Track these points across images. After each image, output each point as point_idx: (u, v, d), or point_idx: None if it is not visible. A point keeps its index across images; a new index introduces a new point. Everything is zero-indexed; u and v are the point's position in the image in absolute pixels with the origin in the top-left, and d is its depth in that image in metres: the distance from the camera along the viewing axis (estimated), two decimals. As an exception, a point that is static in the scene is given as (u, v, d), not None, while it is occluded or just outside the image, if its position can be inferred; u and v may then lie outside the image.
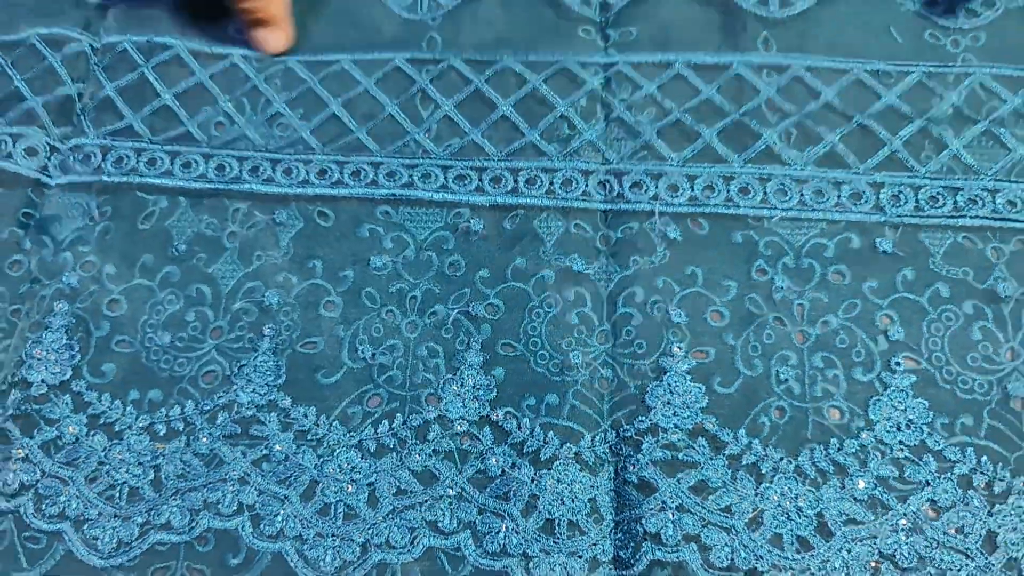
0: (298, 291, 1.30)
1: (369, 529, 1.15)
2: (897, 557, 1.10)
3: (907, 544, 1.10)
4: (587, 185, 1.32)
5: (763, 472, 1.14)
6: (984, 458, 1.14)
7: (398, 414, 1.21)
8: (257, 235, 1.33)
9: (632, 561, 1.12)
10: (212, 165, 1.38)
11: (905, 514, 1.12)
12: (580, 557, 1.12)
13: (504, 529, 1.14)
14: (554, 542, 1.13)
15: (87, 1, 1.51)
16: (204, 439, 1.21)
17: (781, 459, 1.15)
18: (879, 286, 1.24)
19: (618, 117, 1.35)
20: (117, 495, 1.19)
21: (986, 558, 1.09)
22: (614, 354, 1.23)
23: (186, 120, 1.41)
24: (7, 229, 1.35)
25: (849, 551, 1.10)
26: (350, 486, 1.17)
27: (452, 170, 1.35)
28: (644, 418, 1.18)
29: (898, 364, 1.19)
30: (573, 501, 1.14)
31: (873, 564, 1.10)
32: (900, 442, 1.15)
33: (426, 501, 1.16)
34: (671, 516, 1.13)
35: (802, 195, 1.29)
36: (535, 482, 1.16)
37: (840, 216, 1.28)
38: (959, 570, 1.09)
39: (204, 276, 1.31)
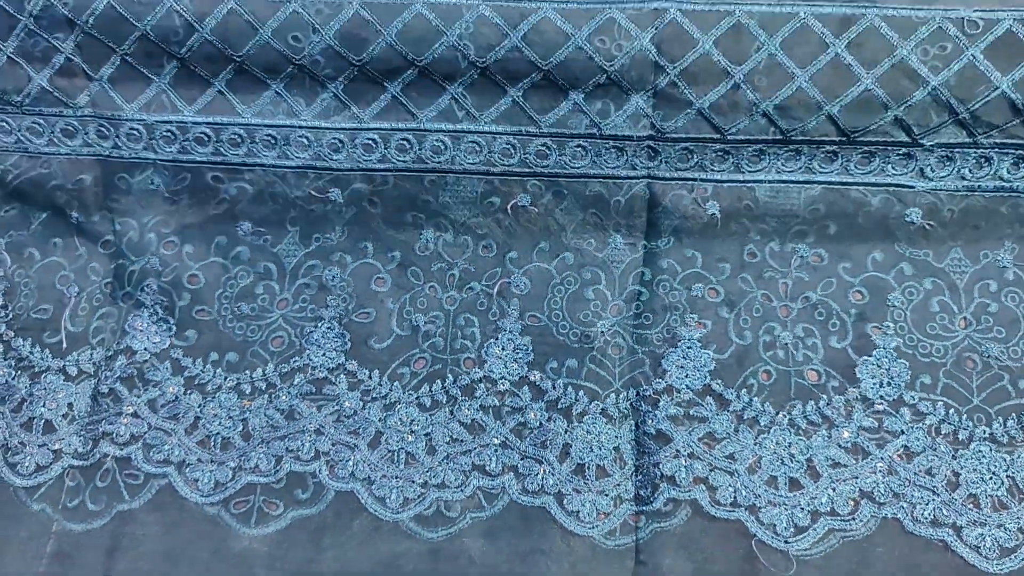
0: (352, 268, 1.34)
1: (427, 472, 1.21)
2: (875, 494, 1.16)
3: (884, 483, 1.17)
4: (634, 155, 1.27)
5: (761, 425, 1.20)
6: (951, 411, 1.20)
7: (441, 376, 1.27)
8: (315, 220, 1.36)
9: (651, 499, 1.18)
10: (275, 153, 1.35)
11: (882, 458, 1.18)
12: (607, 495, 1.18)
13: (542, 472, 1.20)
14: (584, 482, 1.19)
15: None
16: (284, 397, 1.26)
17: (777, 414, 1.21)
18: (851, 266, 1.28)
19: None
20: (212, 444, 1.24)
21: (950, 494, 1.15)
22: (625, 325, 1.28)
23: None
24: (98, 213, 1.37)
25: (834, 489, 1.16)
26: (410, 436, 1.23)
27: (498, 140, 1.27)
28: (660, 380, 1.23)
29: (889, 328, 1.25)
30: (600, 449, 1.21)
31: (853, 501, 1.16)
32: (881, 397, 1.21)
33: (475, 448, 1.22)
34: (684, 462, 1.19)
35: (846, 161, 1.25)
36: (568, 433, 1.22)
37: (880, 180, 1.26)
38: (927, 504, 1.16)
39: (270, 255, 1.35)
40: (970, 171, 1.23)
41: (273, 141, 1.30)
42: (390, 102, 1.26)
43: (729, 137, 1.22)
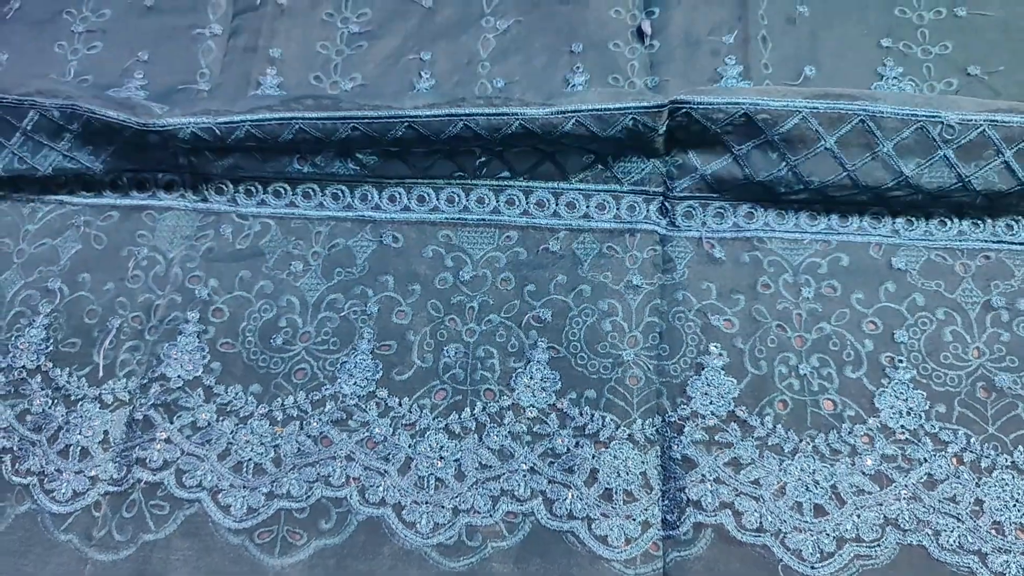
0: (373, 301, 1.32)
1: (457, 497, 1.18)
2: (899, 521, 1.14)
3: (908, 511, 1.14)
4: (649, 210, 1.35)
5: (786, 451, 1.18)
6: (972, 439, 1.17)
7: (459, 409, 1.25)
8: (337, 255, 1.36)
9: (677, 523, 1.15)
10: (300, 193, 1.40)
11: (906, 485, 1.16)
12: (634, 520, 1.16)
13: (570, 497, 1.18)
14: (612, 507, 1.16)
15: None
16: (315, 423, 1.24)
17: (800, 440, 1.18)
18: (864, 297, 1.27)
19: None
20: (245, 469, 1.22)
21: (974, 521, 1.13)
22: (643, 356, 1.25)
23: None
24: (126, 248, 1.38)
25: (859, 516, 1.14)
26: (439, 462, 1.21)
27: (533, 194, 1.37)
28: (685, 406, 1.21)
29: (900, 361, 1.22)
30: (627, 474, 1.18)
31: (879, 526, 1.13)
32: (902, 427, 1.19)
33: (504, 474, 1.20)
34: (710, 487, 1.17)
35: (829, 219, 1.33)
36: (595, 458, 1.19)
37: (861, 238, 1.31)
38: (952, 531, 1.13)
39: (293, 289, 1.34)
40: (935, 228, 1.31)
41: (313, 193, 1.39)
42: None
43: (726, 197, 1.32)
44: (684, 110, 1.24)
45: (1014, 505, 1.13)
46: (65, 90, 1.35)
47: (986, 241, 1.29)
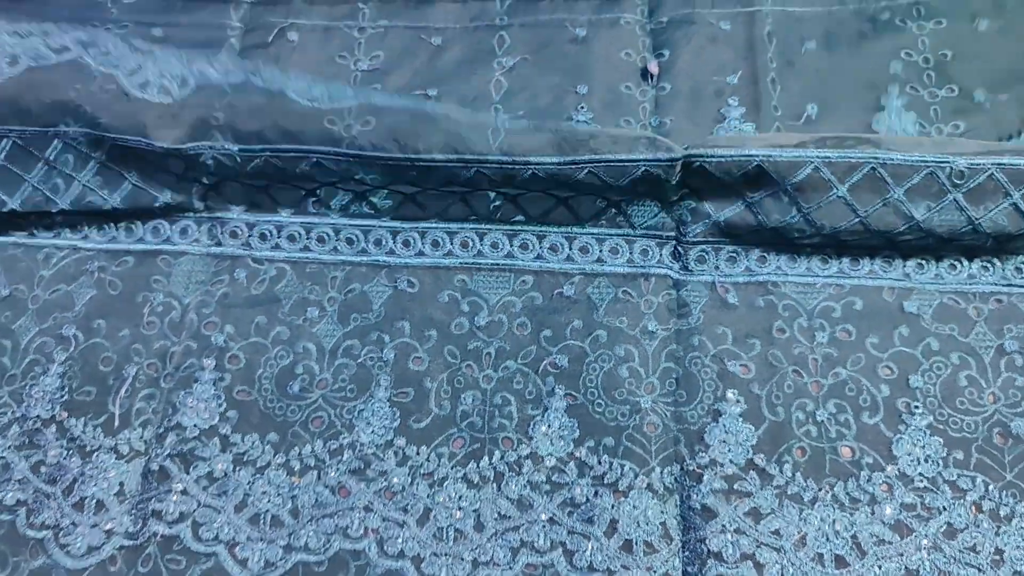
0: (389, 347, 1.30)
1: (476, 549, 1.16)
2: (920, 572, 1.12)
3: (929, 561, 1.12)
4: (662, 254, 1.34)
5: (805, 500, 1.16)
6: (991, 487, 1.16)
7: (477, 457, 1.23)
8: (353, 300, 1.34)
9: (699, 575, 1.13)
10: (314, 237, 1.39)
11: (926, 535, 1.14)
12: (655, 572, 1.14)
13: (590, 548, 1.16)
14: (633, 559, 1.14)
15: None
16: (333, 473, 1.22)
17: (819, 489, 1.16)
18: (879, 341, 1.25)
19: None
20: (262, 522, 1.20)
21: (995, 571, 1.11)
22: (660, 403, 1.24)
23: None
24: (141, 294, 1.37)
25: (880, 567, 1.12)
26: (458, 512, 1.19)
27: (547, 239, 1.36)
28: (704, 454, 1.20)
29: (917, 407, 1.21)
30: (647, 524, 1.16)
31: (901, 576, 1.10)
32: (920, 474, 1.17)
33: (523, 524, 1.18)
34: (730, 537, 1.15)
35: (841, 263, 1.32)
36: (615, 508, 1.17)
37: (873, 282, 1.30)
38: (974, 582, 1.10)
39: (309, 335, 1.32)
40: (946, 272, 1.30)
41: (327, 238, 1.39)
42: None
43: (738, 241, 1.31)
44: (698, 163, 1.23)
45: (1034, 554, 1.10)
46: (90, 101, 1.32)
47: (996, 284, 1.28)
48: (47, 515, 1.22)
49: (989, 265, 1.29)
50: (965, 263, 1.29)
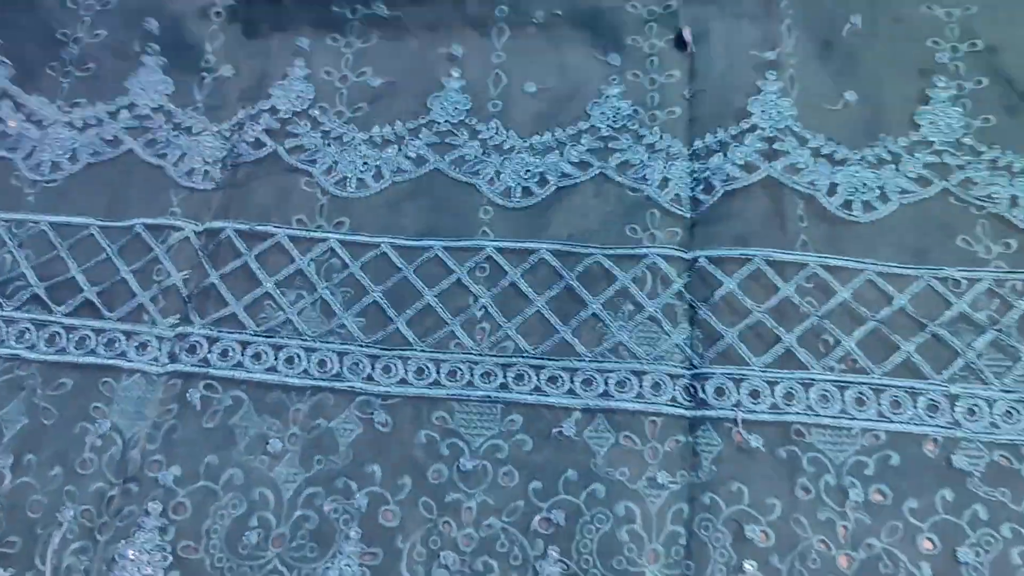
0: (358, 496, 1.15)
1: None
2: None
3: None
4: (675, 389, 1.19)
5: None
6: None
7: None
8: (318, 438, 1.20)
9: None
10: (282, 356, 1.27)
11: None
12: None
13: None
14: None
15: (191, 188, 1.38)
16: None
17: None
18: (919, 507, 1.09)
19: (703, 319, 1.22)
20: None
21: None
22: (663, 574, 1.08)
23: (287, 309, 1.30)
24: (79, 424, 1.22)
25: None
26: None
27: (544, 371, 1.22)
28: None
29: None
30: None
31: None
32: None
33: None
34: None
35: (879, 405, 1.16)
36: None
37: (917, 429, 1.14)
38: None
39: (267, 480, 1.17)
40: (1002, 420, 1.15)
41: (297, 359, 1.25)
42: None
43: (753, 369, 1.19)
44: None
45: None
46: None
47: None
48: None
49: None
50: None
